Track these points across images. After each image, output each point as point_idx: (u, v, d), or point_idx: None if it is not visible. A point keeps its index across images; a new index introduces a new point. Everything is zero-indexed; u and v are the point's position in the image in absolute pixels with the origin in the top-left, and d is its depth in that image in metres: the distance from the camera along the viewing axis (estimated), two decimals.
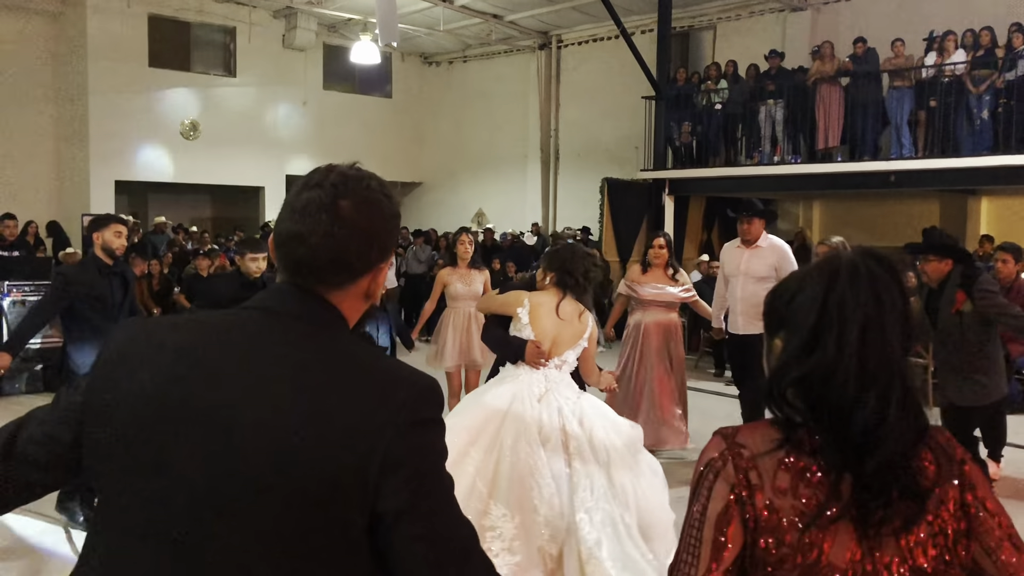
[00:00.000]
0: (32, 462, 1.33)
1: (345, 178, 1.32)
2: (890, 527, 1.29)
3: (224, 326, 1.31)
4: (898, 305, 1.33)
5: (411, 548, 1.21)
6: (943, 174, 11.61)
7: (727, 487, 1.32)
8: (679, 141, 14.25)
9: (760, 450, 1.32)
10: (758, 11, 15.37)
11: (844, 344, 1.30)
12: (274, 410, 1.20)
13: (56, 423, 1.33)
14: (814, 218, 15.63)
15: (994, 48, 11.28)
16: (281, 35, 18.01)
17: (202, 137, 17.12)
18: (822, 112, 12.61)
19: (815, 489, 1.29)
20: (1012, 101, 10.97)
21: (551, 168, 18.41)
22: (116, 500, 1.27)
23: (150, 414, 1.23)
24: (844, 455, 1.29)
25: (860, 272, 1.33)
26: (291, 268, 1.31)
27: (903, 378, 1.32)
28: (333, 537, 1.19)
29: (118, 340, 1.34)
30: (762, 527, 1.30)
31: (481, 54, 19.52)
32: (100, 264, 5.03)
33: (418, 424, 1.23)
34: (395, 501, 1.19)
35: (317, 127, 18.41)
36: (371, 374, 1.25)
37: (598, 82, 17.12)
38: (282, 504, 1.17)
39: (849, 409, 1.29)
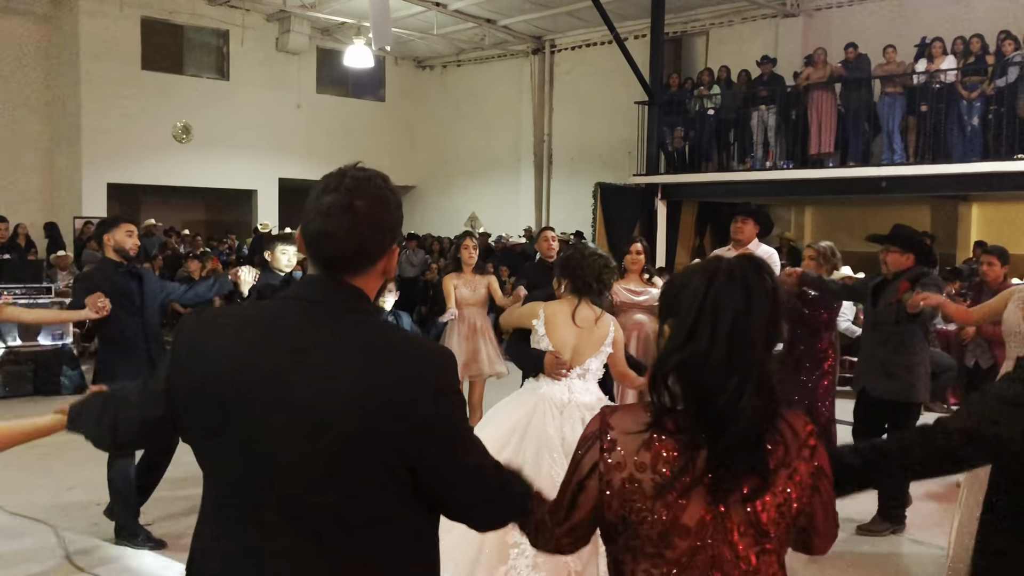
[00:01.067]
0: (134, 435, 1.82)
1: (356, 181, 1.58)
2: (738, 495, 1.51)
3: (276, 314, 1.60)
4: (764, 305, 1.54)
5: (453, 484, 1.58)
6: (934, 180, 11.67)
7: (591, 463, 1.59)
8: (672, 146, 14.28)
9: (627, 430, 1.56)
10: (751, 17, 15.43)
11: (716, 335, 1.51)
12: (329, 382, 1.48)
13: (145, 406, 1.69)
14: (806, 223, 15.68)
15: (984, 55, 11.35)
16: (274, 38, 18.02)
17: (195, 140, 17.12)
18: (814, 118, 12.66)
19: (671, 465, 1.52)
20: (1002, 108, 11.04)
21: (544, 172, 18.44)
22: (213, 474, 1.59)
23: (227, 396, 1.52)
24: (703, 432, 1.51)
25: (735, 274, 1.54)
26: (322, 262, 1.59)
27: (762, 367, 1.53)
28: (384, 479, 1.50)
29: (186, 332, 1.62)
30: (625, 495, 1.54)
31: (475, 58, 19.55)
32: (115, 264, 4.97)
33: (443, 392, 1.55)
34: (434, 452, 1.52)
35: (310, 130, 18.41)
36: (403, 351, 1.56)
37: (591, 87, 17.17)
38: (344, 456, 1.48)
39: (714, 391, 1.50)
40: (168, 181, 17.08)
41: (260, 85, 17.80)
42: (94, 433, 1.83)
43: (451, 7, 16.38)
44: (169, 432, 1.67)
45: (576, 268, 3.99)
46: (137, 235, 5.06)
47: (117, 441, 1.80)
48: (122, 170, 16.27)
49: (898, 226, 5.51)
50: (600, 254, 4.07)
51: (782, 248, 13.63)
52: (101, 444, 1.86)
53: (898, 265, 5.22)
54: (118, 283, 4.90)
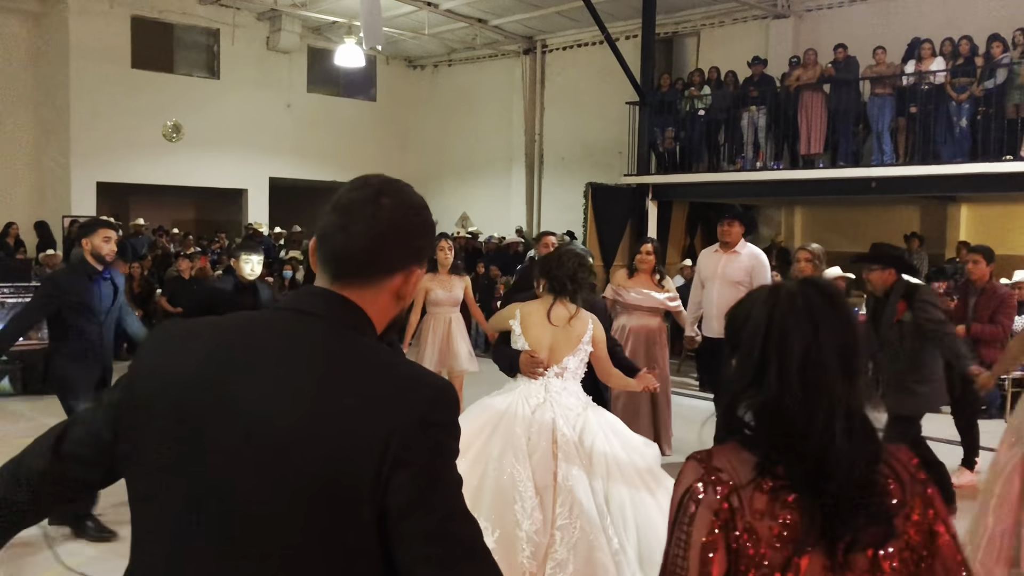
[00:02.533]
0: (80, 461, 1.43)
1: (388, 181, 1.44)
2: (858, 547, 1.33)
3: (254, 326, 1.41)
4: (837, 333, 1.37)
5: (418, 544, 1.26)
6: (923, 181, 11.71)
7: (710, 513, 1.34)
8: (662, 146, 14.31)
9: (738, 474, 1.35)
10: (741, 18, 15.47)
11: (785, 378, 1.35)
12: (296, 406, 1.28)
13: (100, 422, 1.42)
14: (796, 224, 15.72)
15: (973, 57, 11.41)
16: (265, 37, 17.98)
17: (185, 139, 17.06)
18: (804, 118, 12.70)
19: (791, 509, 1.32)
20: (991, 109, 11.09)
21: (535, 172, 18.45)
22: (151, 499, 1.36)
23: (183, 412, 1.32)
24: (806, 477, 1.33)
25: (798, 303, 1.38)
26: (330, 260, 1.40)
27: (847, 404, 1.35)
28: (347, 527, 1.25)
29: (154, 341, 1.44)
30: (743, 550, 1.33)
31: (466, 58, 19.54)
32: (90, 270, 4.94)
33: (431, 425, 1.29)
34: (402, 497, 1.24)
35: (301, 130, 18.38)
36: (389, 374, 1.32)
37: (582, 87, 17.18)
38: (302, 493, 1.25)
39: (800, 436, 1.33)
40: (158, 180, 17.01)
41: (251, 84, 17.75)
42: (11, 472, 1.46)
43: (442, 7, 16.37)
44: (110, 465, 1.41)
45: (551, 268, 4.03)
46: (115, 240, 5.05)
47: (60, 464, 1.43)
48: (112, 169, 16.20)
49: (876, 245, 5.69)
50: (575, 254, 4.08)
51: (772, 249, 13.68)
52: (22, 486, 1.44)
53: (882, 282, 5.36)
54: (82, 292, 4.91)
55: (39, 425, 7.64)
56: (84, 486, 1.47)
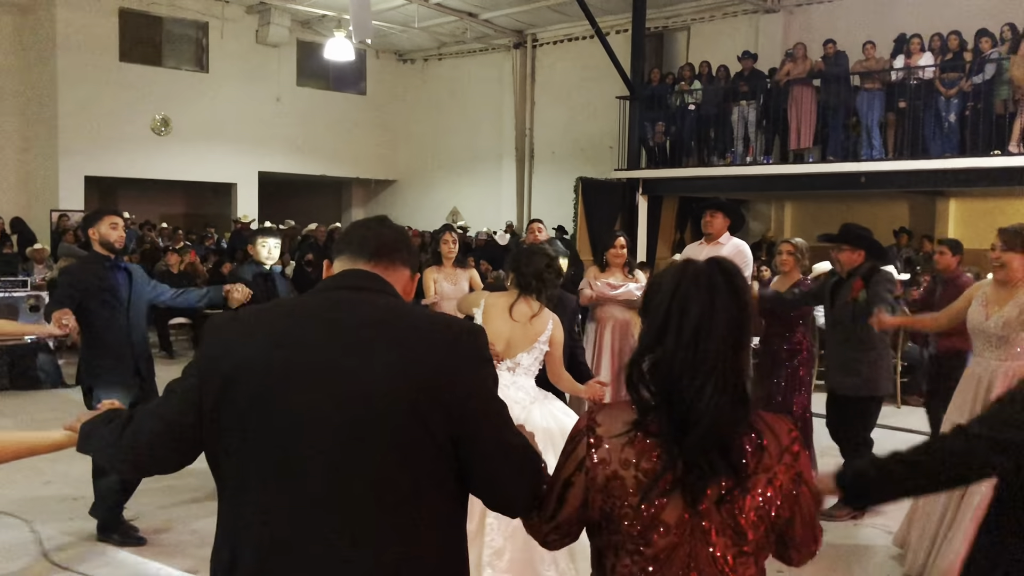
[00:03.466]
0: (158, 447, 1.67)
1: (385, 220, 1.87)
2: (715, 496, 1.53)
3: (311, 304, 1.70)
4: (730, 309, 1.56)
5: (495, 458, 1.65)
6: (912, 175, 11.76)
7: (577, 459, 1.61)
8: (653, 141, 14.31)
9: (612, 430, 1.59)
10: (731, 12, 15.47)
11: (680, 340, 1.55)
12: (376, 358, 1.58)
13: (176, 412, 1.64)
14: (786, 218, 15.76)
15: (962, 52, 11.44)
16: (254, 31, 17.89)
17: (174, 133, 16.97)
18: (794, 113, 12.72)
19: (654, 463, 1.55)
20: (979, 104, 11.13)
21: (526, 167, 18.43)
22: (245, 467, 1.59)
23: (269, 382, 1.57)
24: (672, 432, 1.53)
25: (701, 277, 1.57)
26: (361, 245, 1.76)
27: (727, 368, 1.54)
28: (427, 447, 1.57)
29: (216, 328, 1.68)
30: (608, 491, 1.57)
31: (456, 52, 19.50)
32: (102, 258, 4.84)
33: (483, 361, 1.69)
34: (473, 419, 1.61)
35: (290, 124, 18.30)
36: (444, 324, 1.70)
37: (573, 81, 17.16)
38: (396, 426, 1.55)
39: (678, 392, 1.53)
40: (147, 174, 16.91)
41: (240, 78, 17.66)
42: (109, 454, 1.77)
43: (432, 0, 16.31)
44: (198, 443, 1.65)
45: (520, 264, 4.04)
46: (123, 227, 4.91)
47: (139, 461, 1.73)
48: (100, 163, 16.11)
49: (847, 224, 5.65)
50: (545, 254, 4.05)
51: (762, 244, 13.71)
52: (119, 466, 1.84)
53: (851, 263, 5.35)
54: (103, 278, 4.78)
55: (25, 421, 7.61)
56: (166, 464, 1.71)
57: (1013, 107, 10.90)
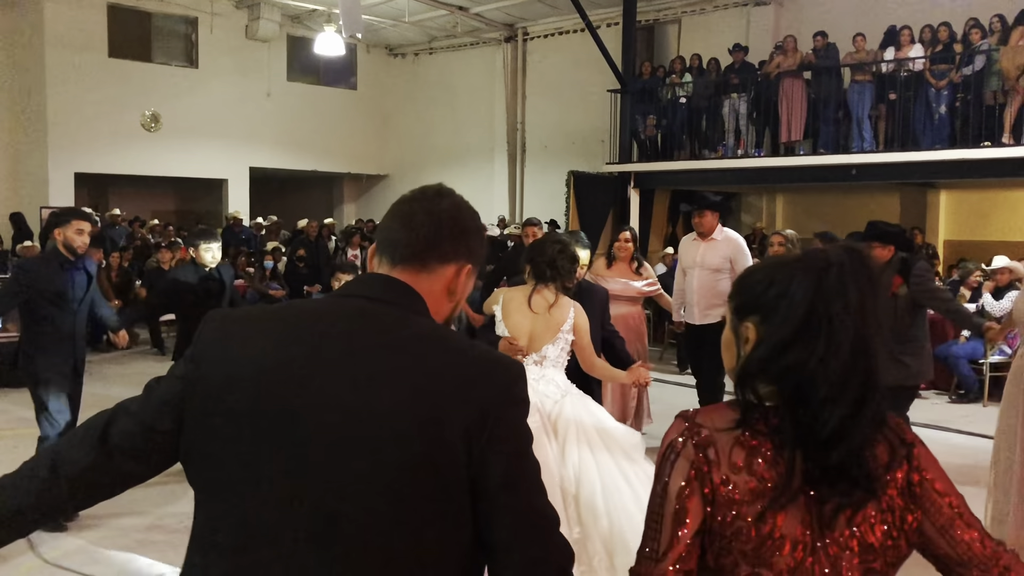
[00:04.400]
0: (130, 453, 1.43)
1: (444, 189, 1.55)
2: (842, 509, 1.36)
3: (325, 314, 1.45)
4: (877, 305, 1.39)
5: (512, 517, 1.35)
6: (903, 167, 11.77)
7: (687, 464, 1.38)
8: (644, 134, 14.30)
9: (718, 428, 1.39)
10: (722, 5, 15.46)
11: (834, 342, 1.35)
12: (384, 389, 1.33)
13: (154, 412, 1.43)
14: (777, 211, 15.78)
15: (952, 44, 11.45)
16: (244, 26, 17.82)
17: (164, 129, 16.91)
18: (785, 106, 12.72)
19: (769, 464, 1.36)
20: (969, 96, 11.14)
21: (517, 161, 18.41)
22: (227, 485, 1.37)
23: (265, 399, 1.35)
24: (807, 440, 1.35)
25: (847, 272, 1.38)
26: (388, 245, 1.49)
27: (876, 378, 1.38)
28: (440, 503, 1.32)
29: (215, 331, 1.46)
30: (719, 501, 1.37)
31: (447, 46, 19.45)
32: (62, 259, 4.93)
33: (518, 403, 1.39)
34: (497, 472, 1.33)
35: (281, 119, 18.25)
36: (471, 355, 1.40)
37: (564, 75, 17.14)
38: (396, 473, 1.30)
39: (825, 407, 1.34)
40: (137, 171, 16.85)
41: (230, 73, 17.60)
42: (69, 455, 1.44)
43: None
44: (172, 452, 1.43)
45: (534, 255, 4.03)
46: (88, 233, 5.02)
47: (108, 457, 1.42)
48: (90, 159, 16.04)
49: (873, 222, 5.68)
50: (557, 241, 4.05)
51: (754, 236, 13.72)
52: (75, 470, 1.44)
53: (881, 258, 5.37)
54: (54, 277, 4.88)
55: (12, 419, 7.57)
56: (130, 478, 1.47)
57: (1003, 98, 10.92)
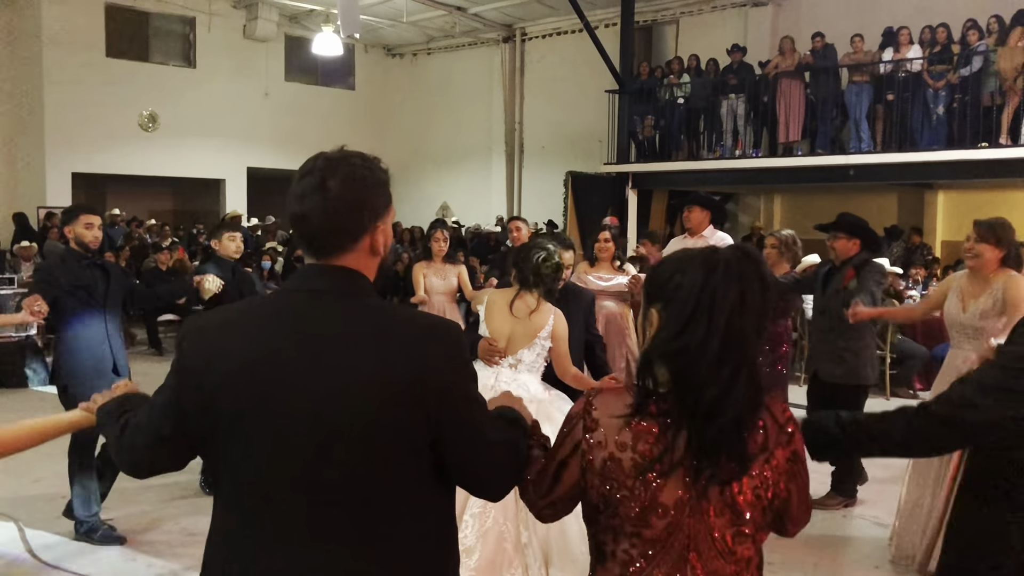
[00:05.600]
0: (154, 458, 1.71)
1: (330, 161, 1.60)
2: (716, 480, 1.56)
3: (282, 308, 1.61)
4: (757, 299, 1.58)
5: (478, 457, 1.63)
6: (901, 168, 11.78)
7: (573, 441, 1.65)
8: (642, 135, 14.30)
9: (610, 412, 1.61)
10: (720, 6, 15.47)
11: (712, 328, 1.54)
12: (347, 367, 1.52)
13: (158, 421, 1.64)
14: (775, 212, 15.77)
15: (950, 44, 11.46)
16: (242, 26, 17.81)
17: (161, 129, 16.89)
18: (783, 106, 12.72)
19: (652, 445, 1.57)
20: (967, 97, 11.15)
21: (515, 161, 18.41)
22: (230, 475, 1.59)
23: (245, 392, 1.53)
24: (691, 419, 1.55)
25: (732, 268, 1.57)
26: (305, 243, 1.61)
27: (752, 359, 1.57)
28: (410, 457, 1.55)
29: (192, 334, 1.63)
30: (605, 474, 1.59)
31: (445, 47, 19.44)
32: (78, 256, 4.82)
33: (462, 361, 1.61)
34: (452, 422, 1.56)
35: (279, 119, 18.23)
36: (414, 326, 1.60)
37: (562, 76, 17.14)
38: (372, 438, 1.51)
39: (706, 382, 1.54)
40: (134, 171, 16.83)
41: (228, 73, 17.58)
42: (113, 452, 1.79)
43: None
44: (185, 449, 1.65)
45: (519, 259, 4.03)
46: (99, 226, 4.85)
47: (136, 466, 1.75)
48: (87, 159, 16.02)
49: (843, 214, 5.70)
50: (543, 248, 4.00)
51: (752, 236, 13.73)
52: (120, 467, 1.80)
53: (846, 251, 5.38)
54: (79, 275, 4.75)
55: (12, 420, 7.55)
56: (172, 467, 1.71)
57: (1000, 99, 10.93)
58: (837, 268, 5.43)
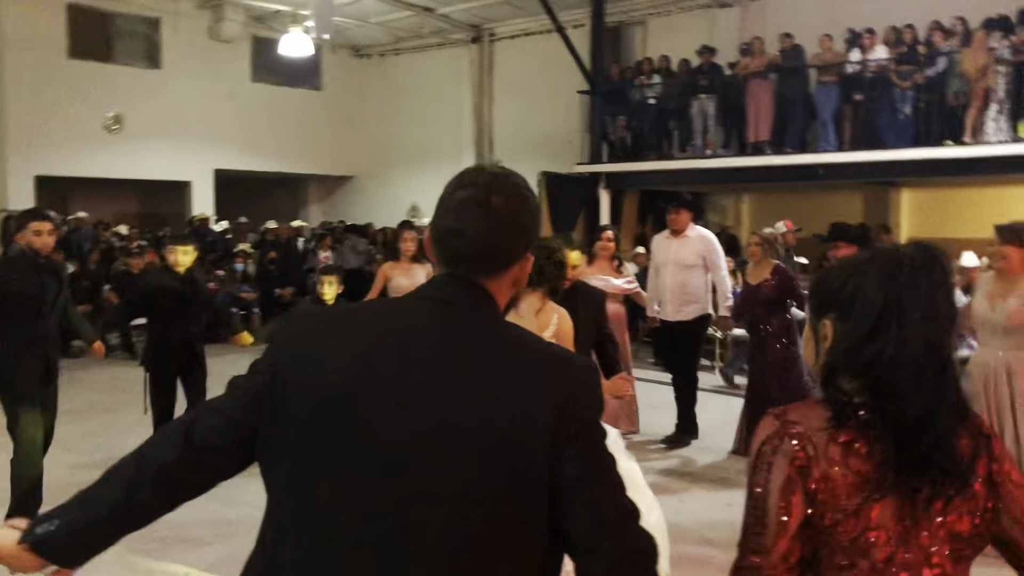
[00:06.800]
0: (213, 448, 1.48)
1: (495, 176, 1.50)
2: (931, 498, 1.42)
3: (401, 315, 1.49)
4: (947, 297, 1.47)
5: (592, 511, 1.37)
6: (868, 167, 12.00)
7: (787, 460, 1.43)
8: (614, 135, 14.40)
9: (813, 426, 1.44)
10: (687, 7, 15.62)
11: (908, 335, 1.42)
12: (464, 389, 1.37)
13: (238, 407, 1.47)
14: (744, 211, 15.98)
15: (916, 45, 11.69)
16: (207, 26, 17.60)
17: (126, 131, 16.64)
18: (752, 106, 12.89)
19: (863, 459, 1.42)
20: (932, 96, 11.40)
21: (486, 161, 18.41)
22: (305, 480, 1.40)
23: (347, 397, 1.38)
24: (899, 433, 1.41)
25: (917, 268, 1.46)
26: (450, 260, 1.48)
27: (951, 364, 1.46)
28: (519, 500, 1.34)
29: (296, 328, 1.50)
30: (819, 496, 1.41)
31: (413, 47, 19.40)
32: (30, 260, 4.80)
33: (595, 401, 1.43)
34: (576, 469, 1.35)
35: (246, 120, 18.06)
36: (547, 355, 1.44)
37: (531, 76, 17.19)
38: (477, 470, 1.34)
39: (909, 393, 1.41)
40: (99, 173, 16.54)
41: (193, 74, 17.37)
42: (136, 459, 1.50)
43: None
44: (250, 449, 1.47)
45: None
46: (48, 232, 4.87)
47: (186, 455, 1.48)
48: (50, 162, 15.72)
49: (837, 224, 5.92)
50: (545, 247, 3.98)
51: (721, 236, 13.88)
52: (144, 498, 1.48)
53: None
54: (25, 278, 4.77)
55: None
56: (216, 475, 1.52)
57: (965, 99, 11.18)
58: None
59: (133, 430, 4.75)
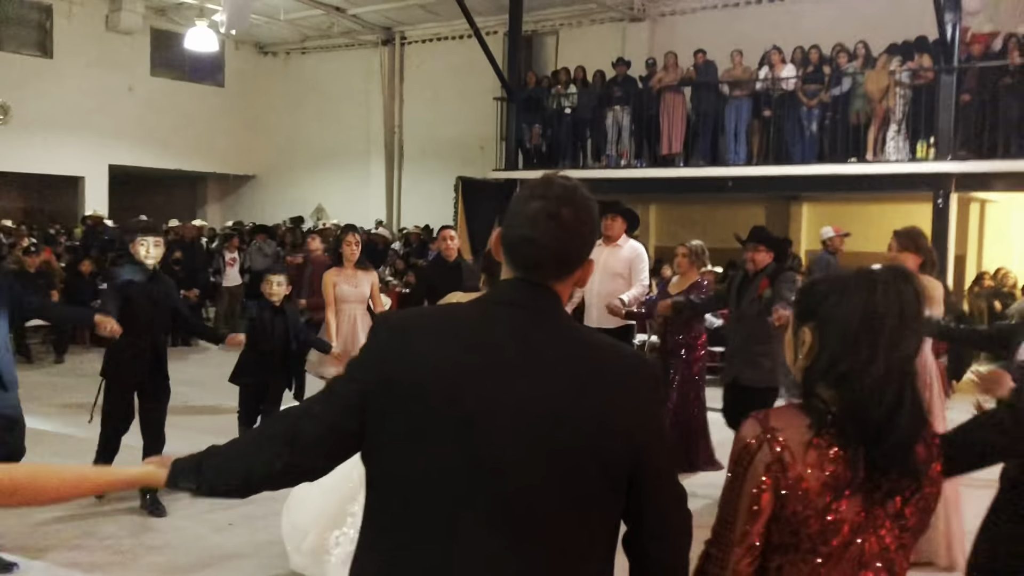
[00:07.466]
0: (317, 455, 1.59)
1: (565, 189, 1.60)
2: (891, 496, 1.60)
3: (486, 318, 1.58)
4: (915, 316, 1.62)
5: (660, 497, 1.57)
6: (776, 181, 12.49)
7: (763, 465, 1.59)
8: (529, 143, 14.51)
9: (792, 433, 1.59)
10: (599, 19, 15.91)
11: (876, 349, 1.57)
12: (555, 385, 1.49)
13: (337, 413, 1.56)
14: (650, 220, 16.32)
15: (822, 65, 12.25)
16: (104, 16, 16.90)
17: (14, 121, 15.77)
18: (665, 119, 13.22)
19: (836, 463, 1.58)
20: (837, 115, 11.96)
21: (395, 164, 18.27)
22: (407, 481, 1.51)
23: (442, 397, 1.49)
24: (865, 438, 1.57)
25: (890, 288, 1.61)
26: (523, 266, 1.59)
27: (913, 377, 1.61)
28: (605, 491, 1.51)
29: (388, 332, 1.61)
30: (792, 495, 1.57)
31: (321, 47, 19.08)
32: None
33: (659, 397, 1.63)
34: (657, 460, 1.56)
35: (144, 115, 17.40)
36: (623, 356, 1.61)
37: (444, 81, 17.16)
38: (572, 466, 1.47)
39: (874, 402, 1.57)
40: None
41: (88, 65, 16.61)
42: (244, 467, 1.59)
43: None
44: (352, 448, 1.58)
45: (491, 266, 4.07)
46: None
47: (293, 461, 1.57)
48: None
49: (757, 228, 6.07)
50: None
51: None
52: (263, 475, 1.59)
53: (763, 263, 5.75)
54: None
55: None
56: (320, 474, 1.65)
57: (867, 119, 11.77)
58: (751, 278, 5.78)
59: None
